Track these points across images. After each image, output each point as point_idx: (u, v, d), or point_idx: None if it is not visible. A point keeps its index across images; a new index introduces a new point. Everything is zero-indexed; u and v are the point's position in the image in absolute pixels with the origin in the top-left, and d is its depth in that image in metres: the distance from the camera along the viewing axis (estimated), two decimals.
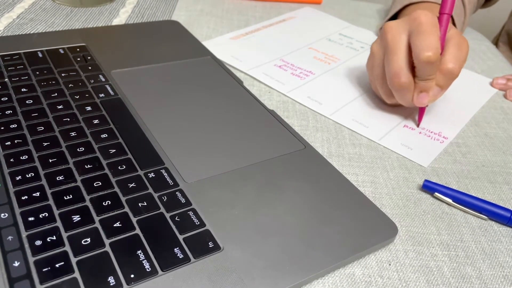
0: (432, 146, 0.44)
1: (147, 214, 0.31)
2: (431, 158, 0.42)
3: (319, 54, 0.58)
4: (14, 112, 0.38)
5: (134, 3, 0.64)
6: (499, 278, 0.32)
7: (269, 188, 0.35)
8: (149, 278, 0.27)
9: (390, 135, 0.45)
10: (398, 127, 0.46)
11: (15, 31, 0.53)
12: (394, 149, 0.43)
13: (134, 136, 0.38)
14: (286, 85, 0.51)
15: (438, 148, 0.44)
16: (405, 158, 0.42)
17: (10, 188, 0.31)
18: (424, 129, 0.46)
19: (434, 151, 0.43)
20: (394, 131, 0.45)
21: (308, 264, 0.29)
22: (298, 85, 0.51)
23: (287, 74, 0.53)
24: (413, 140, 0.44)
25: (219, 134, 0.40)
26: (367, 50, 0.60)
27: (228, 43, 0.58)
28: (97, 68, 0.46)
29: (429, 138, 0.45)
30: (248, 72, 0.52)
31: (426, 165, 0.41)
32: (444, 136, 0.45)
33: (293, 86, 0.51)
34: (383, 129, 0.45)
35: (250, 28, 0.62)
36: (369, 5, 0.76)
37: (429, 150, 0.43)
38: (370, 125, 0.46)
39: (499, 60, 0.63)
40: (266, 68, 0.53)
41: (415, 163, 0.42)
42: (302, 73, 0.53)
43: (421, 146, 0.44)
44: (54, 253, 0.27)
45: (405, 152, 0.43)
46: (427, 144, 0.44)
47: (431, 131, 0.46)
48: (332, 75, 0.54)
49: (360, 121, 0.46)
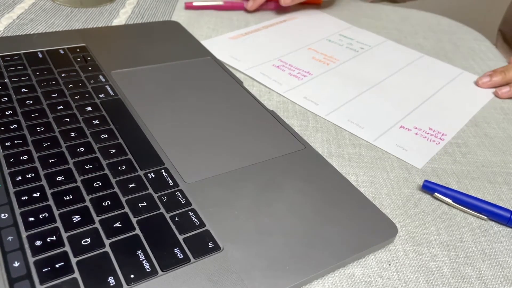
0: (427, 147, 0.44)
1: (147, 214, 0.31)
2: (425, 159, 0.42)
3: (318, 54, 0.58)
4: (14, 113, 0.38)
5: (134, 4, 0.64)
6: (499, 278, 0.32)
7: (269, 188, 0.35)
8: (149, 278, 0.27)
9: (386, 136, 0.44)
10: (394, 127, 0.46)
11: (15, 32, 0.53)
12: (388, 150, 0.42)
13: (134, 136, 0.38)
14: (283, 85, 0.51)
15: (433, 149, 0.43)
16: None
17: (10, 189, 0.31)
18: (421, 129, 0.46)
19: (429, 152, 0.43)
20: (390, 132, 0.45)
21: (308, 264, 0.29)
22: (295, 85, 0.51)
23: (284, 74, 0.53)
24: (408, 141, 0.44)
25: (219, 134, 0.40)
26: (367, 51, 0.60)
27: (227, 43, 0.58)
28: (97, 69, 0.46)
29: (425, 139, 0.45)
30: (246, 72, 0.52)
31: (420, 166, 0.41)
32: (441, 138, 0.45)
33: (290, 86, 0.51)
34: (378, 130, 0.45)
35: (250, 28, 0.62)
36: (370, 5, 0.76)
37: (424, 152, 0.43)
38: (366, 125, 0.46)
39: (499, 60, 0.63)
40: (264, 68, 0.53)
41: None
42: (300, 74, 0.53)
43: (416, 147, 0.43)
44: (54, 253, 0.27)
45: (399, 153, 0.42)
46: (423, 145, 0.44)
47: (427, 132, 0.46)
48: (330, 76, 0.53)
49: (356, 122, 0.46)
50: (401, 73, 0.56)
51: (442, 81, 0.55)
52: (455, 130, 0.47)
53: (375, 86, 0.52)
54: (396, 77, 0.55)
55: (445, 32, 0.69)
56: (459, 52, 0.64)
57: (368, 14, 0.72)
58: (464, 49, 0.65)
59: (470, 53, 0.64)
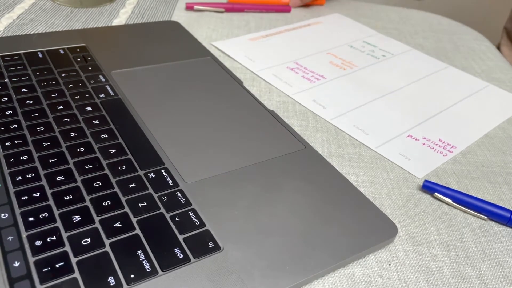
0: (433, 158, 0.42)
1: (147, 214, 0.31)
2: (427, 170, 0.41)
3: (337, 59, 0.57)
4: (14, 113, 0.38)
5: (134, 4, 0.64)
6: (499, 278, 0.32)
7: (269, 188, 0.35)
8: (149, 278, 0.27)
9: (390, 143, 0.43)
10: (401, 136, 0.44)
11: (15, 32, 0.53)
12: (390, 158, 0.42)
13: (134, 136, 0.38)
14: (293, 87, 0.50)
15: (439, 161, 0.42)
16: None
17: (10, 188, 0.31)
18: (429, 140, 0.44)
19: (434, 163, 0.42)
20: (395, 140, 0.44)
21: (308, 264, 0.29)
22: (306, 88, 0.50)
23: (297, 77, 0.52)
24: (414, 150, 0.43)
25: (219, 134, 0.40)
26: (389, 59, 0.59)
27: (245, 44, 0.57)
28: (97, 69, 0.46)
29: (432, 150, 0.43)
30: (258, 72, 0.52)
31: (421, 176, 0.40)
32: (450, 150, 0.43)
33: (301, 89, 0.50)
34: (383, 137, 0.44)
35: (271, 31, 0.62)
36: (370, 5, 0.76)
37: (427, 162, 0.42)
38: (371, 132, 0.45)
39: (499, 60, 0.63)
40: (276, 70, 0.53)
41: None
42: (313, 77, 0.53)
43: (420, 157, 0.42)
44: (54, 253, 0.27)
45: (401, 161, 0.41)
46: (429, 156, 0.42)
47: (436, 143, 0.44)
48: (344, 81, 0.53)
49: (361, 128, 0.45)
50: (421, 82, 0.54)
51: (463, 93, 0.53)
52: (466, 143, 0.45)
53: (389, 94, 0.51)
54: (414, 86, 0.53)
55: (445, 32, 0.69)
56: (459, 52, 0.64)
57: (368, 14, 0.72)
58: (464, 49, 0.65)
59: (470, 53, 0.64)
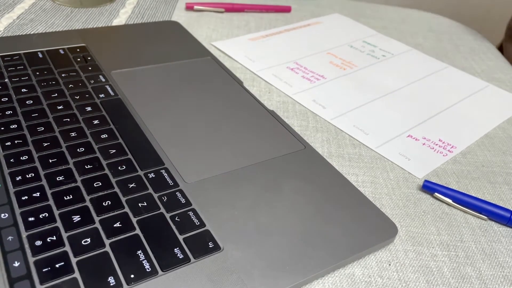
0: (433, 158, 0.42)
1: (147, 214, 0.31)
2: (427, 170, 0.41)
3: (336, 59, 0.57)
4: (14, 113, 0.38)
5: (134, 4, 0.64)
6: (499, 278, 0.32)
7: (269, 188, 0.35)
8: (149, 278, 0.27)
9: (390, 143, 0.43)
10: (401, 136, 0.44)
11: (15, 32, 0.53)
12: (390, 158, 0.42)
13: (134, 136, 0.38)
14: (293, 87, 0.50)
15: (439, 161, 0.42)
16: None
17: (10, 188, 0.31)
18: (429, 140, 0.44)
19: (434, 163, 0.42)
20: (395, 140, 0.44)
21: (308, 264, 0.29)
22: (306, 88, 0.50)
23: (297, 77, 0.52)
24: (414, 150, 0.43)
25: (219, 134, 0.40)
26: (389, 59, 0.58)
27: (244, 44, 0.57)
28: (97, 69, 0.46)
29: (432, 150, 0.43)
30: (258, 72, 0.52)
31: (421, 176, 0.40)
32: (450, 150, 0.43)
33: (301, 89, 0.50)
34: (384, 137, 0.44)
35: (271, 31, 0.62)
36: (369, 5, 0.76)
37: (428, 162, 0.42)
38: (371, 132, 0.45)
39: (499, 60, 0.63)
40: (276, 70, 0.53)
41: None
42: (313, 77, 0.53)
43: (421, 158, 0.42)
44: (54, 253, 0.27)
45: (401, 161, 0.41)
46: (428, 155, 0.42)
47: (436, 143, 0.44)
48: (344, 81, 0.53)
49: (361, 128, 0.45)
50: (421, 82, 0.54)
51: (464, 93, 0.53)
52: (466, 143, 0.45)
53: (389, 94, 0.51)
54: (414, 86, 0.53)
55: (445, 32, 0.69)
56: (459, 52, 0.64)
57: (368, 14, 0.72)
58: (464, 49, 0.65)
59: (470, 53, 0.64)
